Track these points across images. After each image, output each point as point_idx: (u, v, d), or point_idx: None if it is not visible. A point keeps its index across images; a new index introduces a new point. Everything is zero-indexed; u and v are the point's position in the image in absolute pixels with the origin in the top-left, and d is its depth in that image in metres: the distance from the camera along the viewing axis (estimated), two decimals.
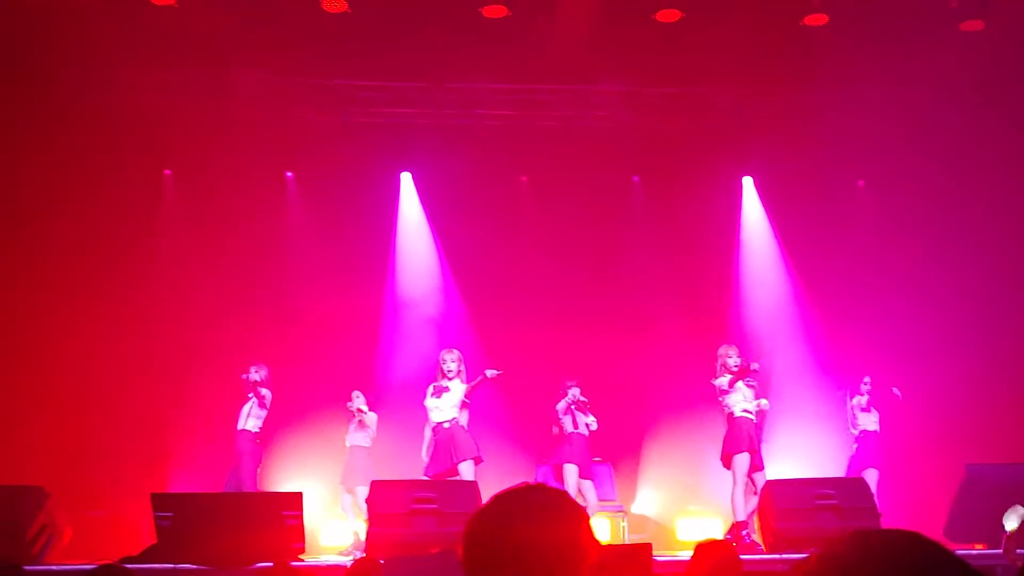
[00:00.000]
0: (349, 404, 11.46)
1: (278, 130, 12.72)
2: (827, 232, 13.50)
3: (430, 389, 10.24)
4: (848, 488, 9.03)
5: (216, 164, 12.71)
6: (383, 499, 8.89)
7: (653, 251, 13.50)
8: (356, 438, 11.47)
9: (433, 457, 10.10)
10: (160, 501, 8.45)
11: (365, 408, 11.41)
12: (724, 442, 10.05)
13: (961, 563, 1.44)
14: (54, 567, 8.08)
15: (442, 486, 9.45)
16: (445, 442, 9.99)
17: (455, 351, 10.32)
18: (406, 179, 13.83)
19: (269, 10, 10.87)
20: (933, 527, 10.02)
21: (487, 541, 1.88)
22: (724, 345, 10.41)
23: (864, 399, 11.49)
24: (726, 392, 10.04)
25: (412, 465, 10.89)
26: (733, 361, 10.12)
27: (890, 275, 13.09)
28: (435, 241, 13.68)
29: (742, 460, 9.82)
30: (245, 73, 12.10)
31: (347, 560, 10.45)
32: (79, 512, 10.56)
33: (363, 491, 10.91)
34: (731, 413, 10.05)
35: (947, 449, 11.46)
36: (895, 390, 11.19)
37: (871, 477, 10.71)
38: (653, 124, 13.15)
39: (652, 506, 12.93)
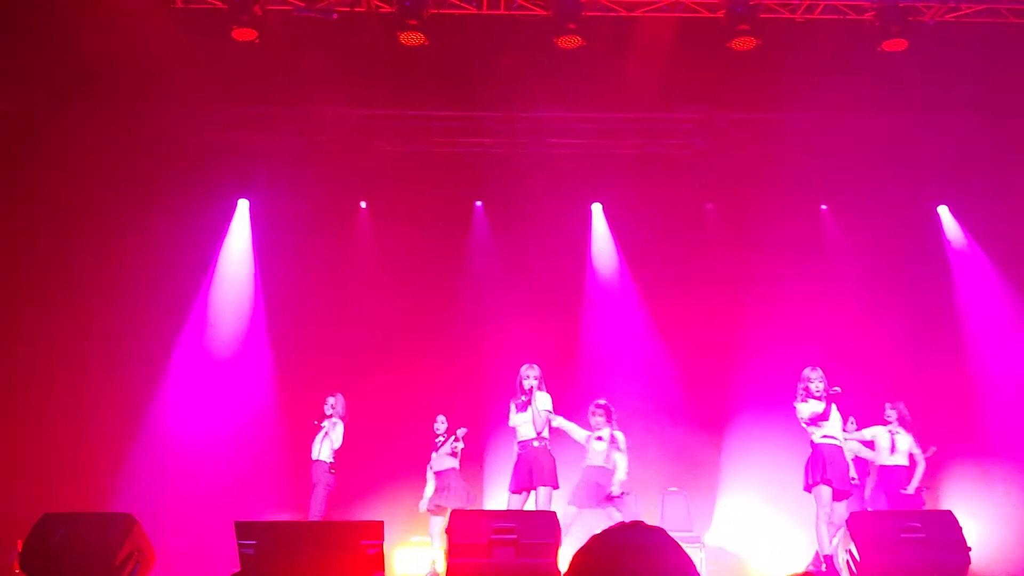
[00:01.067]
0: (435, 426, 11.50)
1: (353, 161, 12.93)
2: (906, 260, 13.30)
3: (512, 407, 10.19)
4: (935, 521, 8.78)
5: (291, 194, 12.95)
6: (462, 529, 8.88)
7: (727, 278, 13.42)
8: (444, 462, 11.47)
9: (515, 474, 10.02)
10: (244, 529, 8.51)
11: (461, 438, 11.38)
12: (805, 470, 9.88)
13: None
14: None
15: (522, 517, 9.40)
16: (528, 461, 9.90)
17: (535, 367, 10.22)
18: (479, 208, 13.97)
19: (347, 44, 11.04)
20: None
21: None
22: (808, 368, 10.15)
23: (870, 431, 11.14)
24: (809, 421, 9.86)
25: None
26: (815, 386, 9.83)
27: (974, 299, 12.89)
28: (503, 265, 13.76)
29: (823, 490, 9.63)
30: (323, 105, 12.33)
31: None
32: (165, 539, 10.73)
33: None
34: (811, 439, 9.86)
35: None
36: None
37: None
38: (728, 152, 13.11)
39: (729, 537, 12.77)
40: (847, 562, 8.62)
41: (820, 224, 14.03)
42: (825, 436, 9.78)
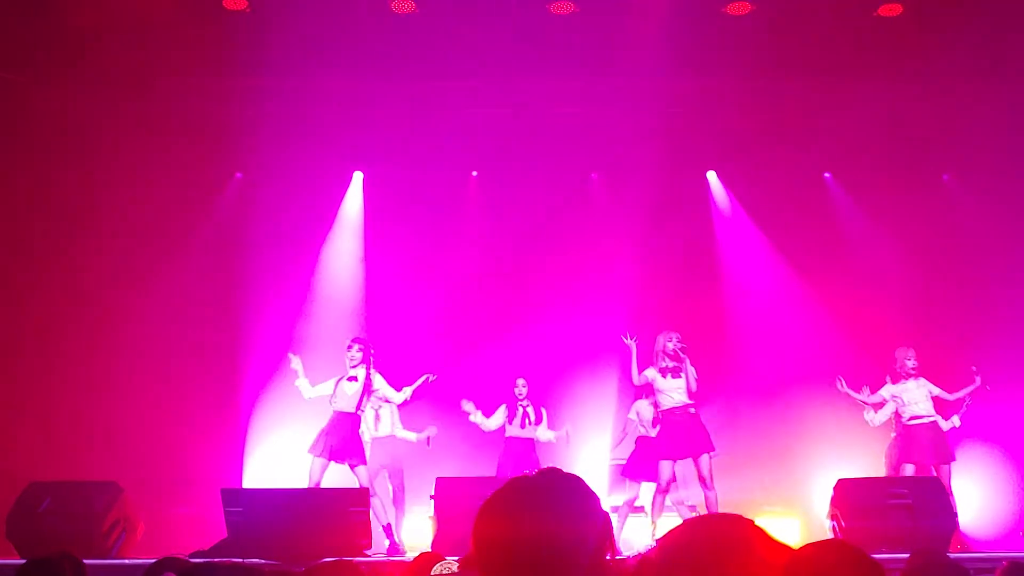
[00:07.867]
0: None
1: (347, 132, 12.85)
2: (916, 229, 13.17)
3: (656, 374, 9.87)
4: (923, 488, 8.76)
5: (289, 165, 12.97)
6: (448, 496, 8.93)
7: (722, 248, 13.66)
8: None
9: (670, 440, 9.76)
10: (230, 497, 8.60)
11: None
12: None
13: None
14: (115, 561, 8.28)
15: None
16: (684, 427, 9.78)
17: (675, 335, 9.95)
18: (474, 177, 14.01)
19: (340, 14, 10.92)
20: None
21: (495, 533, 1.85)
22: (901, 348, 10.43)
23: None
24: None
25: None
26: (911, 364, 10.24)
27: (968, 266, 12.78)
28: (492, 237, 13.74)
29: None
30: (318, 77, 12.23)
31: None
32: (160, 509, 10.81)
33: None
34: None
35: None
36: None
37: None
38: (725, 120, 12.90)
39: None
40: (832, 528, 8.61)
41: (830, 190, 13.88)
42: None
